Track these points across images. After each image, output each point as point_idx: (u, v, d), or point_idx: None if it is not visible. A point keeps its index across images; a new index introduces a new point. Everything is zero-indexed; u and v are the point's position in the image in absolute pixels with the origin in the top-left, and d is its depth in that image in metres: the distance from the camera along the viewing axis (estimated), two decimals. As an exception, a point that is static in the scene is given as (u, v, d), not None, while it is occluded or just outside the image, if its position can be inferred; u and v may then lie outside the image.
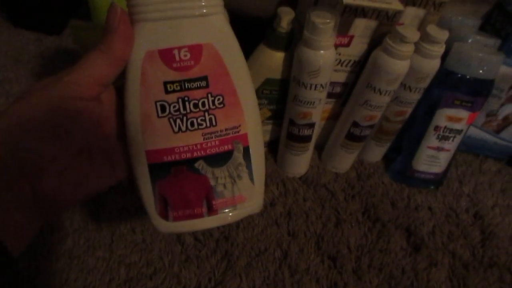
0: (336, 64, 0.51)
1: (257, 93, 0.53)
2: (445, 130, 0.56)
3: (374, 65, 0.48)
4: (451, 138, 0.57)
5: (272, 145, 0.63)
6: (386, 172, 0.63)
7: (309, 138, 0.55)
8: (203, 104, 0.30)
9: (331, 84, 0.53)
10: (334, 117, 0.59)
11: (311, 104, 0.50)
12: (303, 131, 0.53)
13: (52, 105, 0.26)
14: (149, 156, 0.30)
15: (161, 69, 0.29)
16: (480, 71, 0.51)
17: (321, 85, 0.48)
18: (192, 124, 0.30)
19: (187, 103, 0.30)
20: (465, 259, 0.53)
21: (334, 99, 0.57)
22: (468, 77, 0.52)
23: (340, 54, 0.50)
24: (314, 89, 0.48)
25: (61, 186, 0.28)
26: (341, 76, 0.53)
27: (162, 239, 0.49)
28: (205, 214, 0.32)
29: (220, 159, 0.32)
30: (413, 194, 0.60)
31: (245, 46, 0.34)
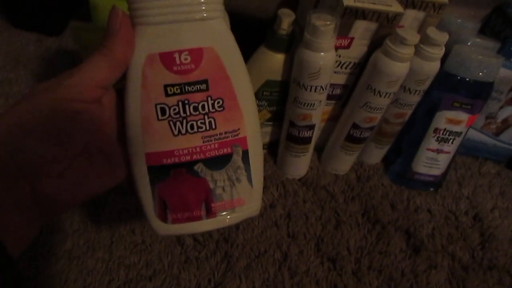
0: (336, 66, 0.51)
1: (257, 94, 0.53)
2: (444, 132, 0.56)
3: (374, 67, 0.48)
4: (451, 140, 0.57)
5: (272, 146, 0.63)
6: (386, 174, 0.63)
7: (309, 140, 0.55)
8: (203, 107, 0.30)
9: (331, 86, 0.53)
10: (334, 119, 0.59)
11: (311, 106, 0.50)
12: (303, 133, 0.54)
13: (52, 107, 0.26)
14: (148, 158, 0.31)
15: (161, 72, 0.29)
16: (479, 74, 0.51)
17: (321, 87, 0.48)
18: (192, 127, 0.30)
19: (187, 106, 0.30)
20: (464, 262, 0.53)
21: (334, 101, 0.57)
22: (467, 79, 0.52)
23: (340, 56, 0.50)
24: (314, 91, 0.48)
25: (61, 187, 0.28)
26: (341, 78, 0.53)
27: (161, 241, 0.49)
28: (203, 217, 0.32)
29: (219, 162, 0.32)
30: (412, 196, 0.60)
31: (245, 48, 0.34)
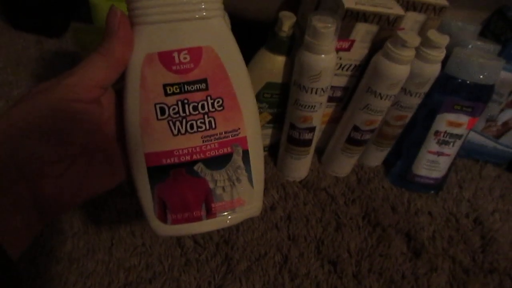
0: (337, 68, 0.51)
1: (258, 96, 0.53)
2: (445, 135, 0.56)
3: (375, 69, 0.48)
4: (451, 143, 0.57)
5: (272, 149, 0.63)
6: (386, 176, 0.63)
7: (309, 142, 0.55)
8: (203, 106, 0.30)
9: (332, 88, 0.53)
10: (334, 121, 0.59)
11: (312, 108, 0.50)
12: (304, 135, 0.53)
13: (51, 107, 0.26)
14: (148, 159, 0.30)
15: (160, 71, 0.28)
16: (480, 77, 0.51)
17: (322, 89, 0.48)
18: (191, 126, 0.30)
19: (187, 106, 0.30)
20: (465, 264, 0.52)
21: (334, 103, 0.57)
22: (468, 82, 0.52)
23: (341, 59, 0.50)
24: (315, 93, 0.48)
25: (60, 188, 0.28)
26: (341, 80, 0.53)
27: (162, 243, 0.49)
28: (204, 217, 0.32)
29: (219, 162, 0.32)
30: (413, 198, 0.60)
31: (246, 50, 0.34)
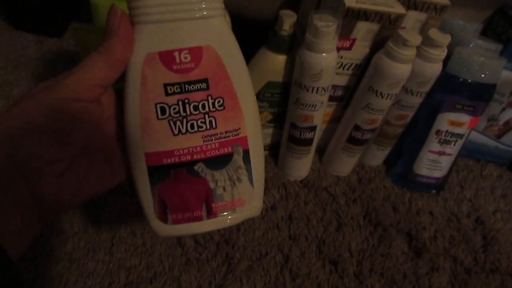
0: (338, 67, 0.51)
1: (258, 96, 0.53)
2: (446, 134, 0.56)
3: (376, 68, 0.48)
4: (453, 143, 0.57)
5: (273, 148, 0.62)
6: (387, 176, 0.63)
7: (310, 141, 0.55)
8: (203, 106, 0.30)
9: (333, 87, 0.53)
10: (335, 120, 0.59)
11: (313, 107, 0.50)
12: (305, 134, 0.53)
13: (51, 107, 0.26)
14: (148, 158, 0.30)
15: (161, 71, 0.28)
16: (481, 76, 0.51)
17: (322, 88, 0.48)
18: (192, 126, 0.30)
19: (187, 105, 0.29)
20: (466, 264, 0.52)
21: (335, 102, 0.57)
22: (469, 81, 0.52)
23: (342, 57, 0.50)
24: (316, 92, 0.48)
25: (60, 188, 0.28)
26: (342, 79, 0.53)
27: (162, 242, 0.49)
28: (204, 217, 0.32)
29: (219, 162, 0.31)
30: (414, 198, 0.60)
31: (246, 50, 0.33)
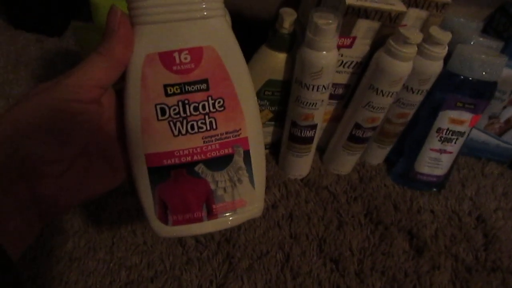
0: (338, 65, 0.51)
1: (259, 94, 0.53)
2: (447, 132, 0.56)
3: (377, 66, 0.48)
4: (454, 141, 0.56)
5: (274, 146, 0.62)
6: (388, 174, 0.63)
7: (311, 140, 0.55)
8: (204, 107, 0.30)
9: (333, 85, 0.53)
10: (336, 118, 0.59)
11: (313, 105, 0.49)
12: (305, 133, 0.53)
13: (51, 108, 0.26)
14: (148, 159, 0.30)
15: (161, 72, 0.28)
16: (482, 73, 0.51)
17: (323, 86, 0.48)
18: (192, 127, 0.30)
19: (187, 106, 0.29)
20: (468, 263, 0.52)
21: (336, 101, 0.57)
22: (470, 79, 0.51)
23: (342, 56, 0.50)
24: (316, 90, 0.48)
25: (60, 189, 0.28)
26: (343, 77, 0.53)
27: (163, 242, 0.49)
28: (204, 219, 0.32)
29: (220, 163, 0.31)
30: (415, 196, 0.60)
31: (247, 48, 0.33)
